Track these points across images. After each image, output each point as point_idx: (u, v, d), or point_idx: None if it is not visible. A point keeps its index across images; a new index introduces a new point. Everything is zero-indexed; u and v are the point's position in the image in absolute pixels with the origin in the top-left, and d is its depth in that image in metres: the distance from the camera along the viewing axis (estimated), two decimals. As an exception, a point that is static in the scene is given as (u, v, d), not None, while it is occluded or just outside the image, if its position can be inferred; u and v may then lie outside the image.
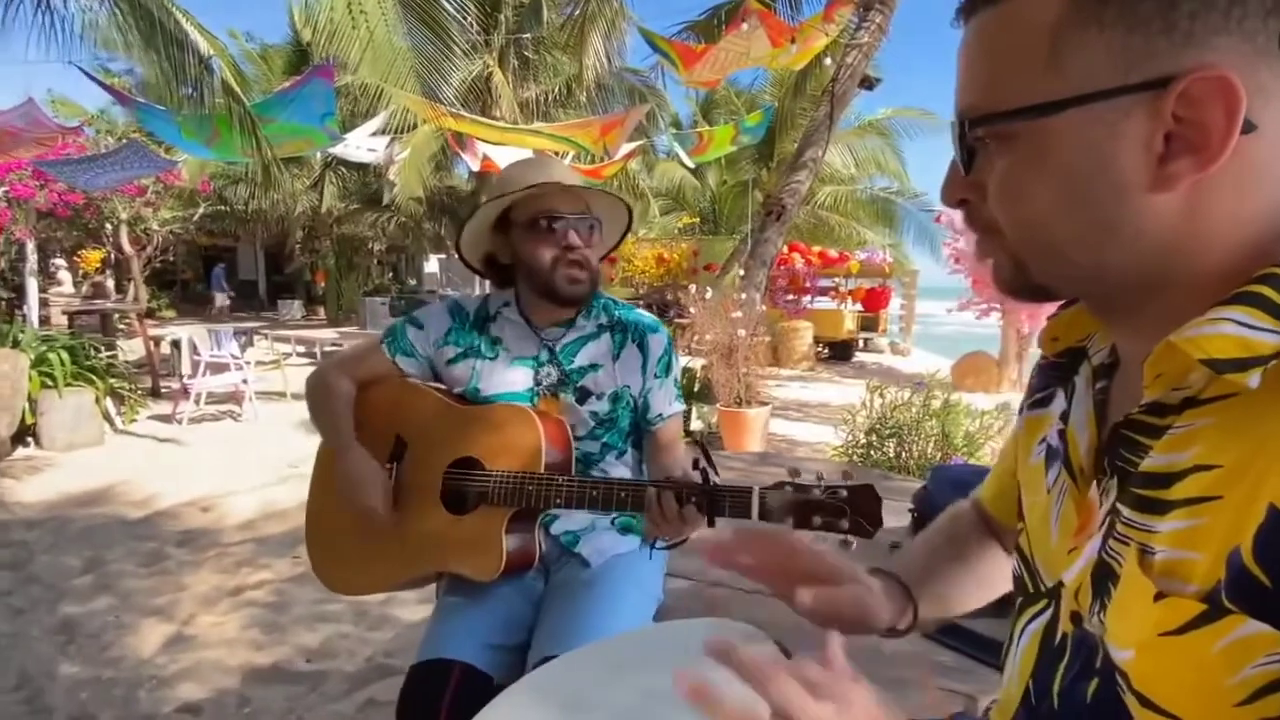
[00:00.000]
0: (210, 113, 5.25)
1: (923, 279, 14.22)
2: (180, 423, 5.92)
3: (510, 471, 1.20)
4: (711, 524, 1.03)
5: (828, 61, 5.76)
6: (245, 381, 6.51)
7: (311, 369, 1.51)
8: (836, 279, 13.02)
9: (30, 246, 9.29)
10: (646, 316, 1.39)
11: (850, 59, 5.17)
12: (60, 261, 13.57)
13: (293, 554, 3.26)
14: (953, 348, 11.08)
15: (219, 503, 4.03)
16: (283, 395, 7.26)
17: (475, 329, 1.37)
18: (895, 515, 2.56)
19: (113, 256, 12.86)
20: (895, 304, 13.49)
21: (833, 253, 12.55)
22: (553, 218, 1.25)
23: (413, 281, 23.70)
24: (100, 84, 5.28)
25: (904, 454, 3.29)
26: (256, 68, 14.79)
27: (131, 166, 6.60)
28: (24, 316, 8.72)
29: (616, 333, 1.36)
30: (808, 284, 12.18)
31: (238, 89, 5.08)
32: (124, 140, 8.31)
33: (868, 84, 5.39)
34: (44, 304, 9.67)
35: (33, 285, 9.41)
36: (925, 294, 14.62)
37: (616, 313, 1.38)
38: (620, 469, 1.37)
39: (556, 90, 13.93)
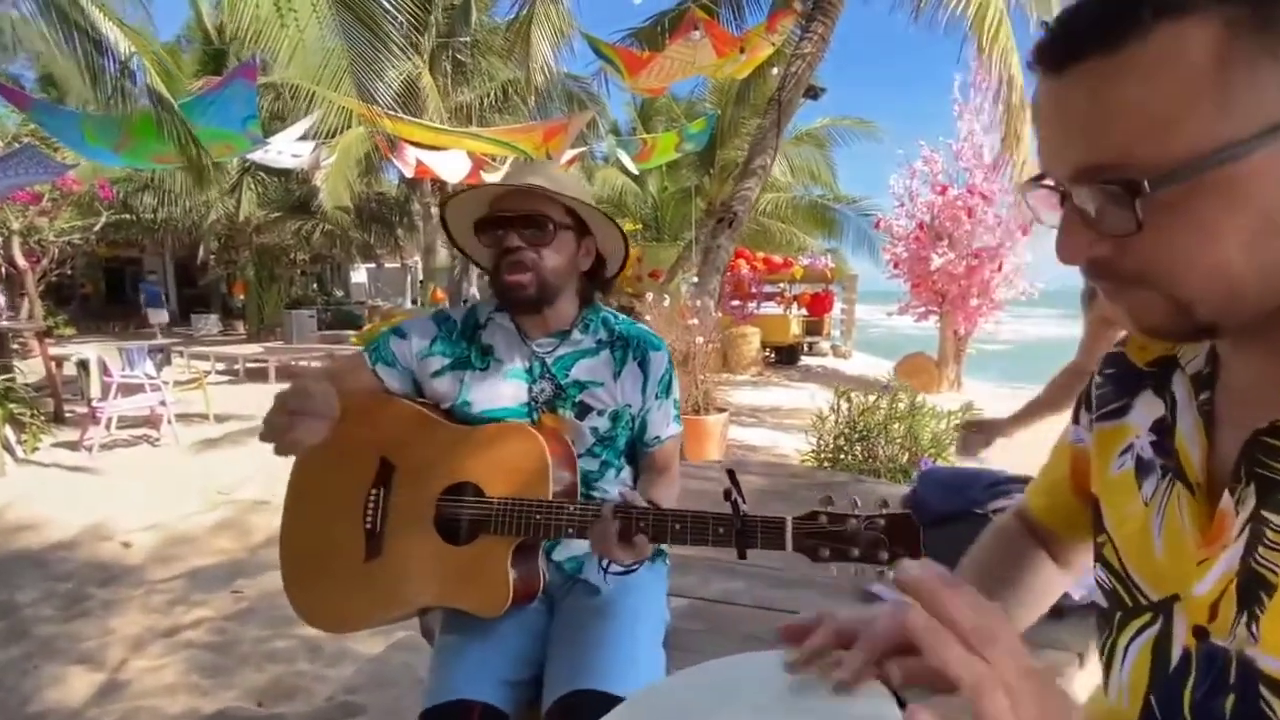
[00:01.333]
0: (118, 115, 4.84)
1: (860, 283, 14.73)
2: (90, 450, 5.41)
3: (515, 499, 1.10)
4: (743, 555, 0.97)
5: (775, 71, 5.87)
6: (163, 403, 6.02)
7: (232, 389, 1.37)
8: (781, 284, 13.32)
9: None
10: (649, 333, 1.32)
11: (795, 68, 5.27)
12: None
13: (231, 588, 3.00)
14: (891, 349, 11.54)
15: (142, 536, 3.68)
16: (205, 417, 6.77)
17: (464, 337, 1.27)
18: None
19: (3, 270, 11.73)
20: (836, 308, 13.92)
21: (777, 259, 12.83)
22: (495, 220, 1.19)
23: (340, 293, 22.78)
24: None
25: (872, 457, 3.33)
26: (165, 66, 13.86)
27: (21, 173, 6.01)
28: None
29: (617, 349, 1.27)
30: (753, 290, 12.41)
31: (165, 91, 4.69)
32: (14, 144, 7.59)
33: (812, 93, 5.51)
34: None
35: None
36: (861, 298, 15.15)
37: (617, 327, 1.30)
38: (620, 487, 1.30)
39: (492, 95, 13.71)
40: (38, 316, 10.66)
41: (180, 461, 5.42)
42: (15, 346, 8.91)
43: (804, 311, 13.33)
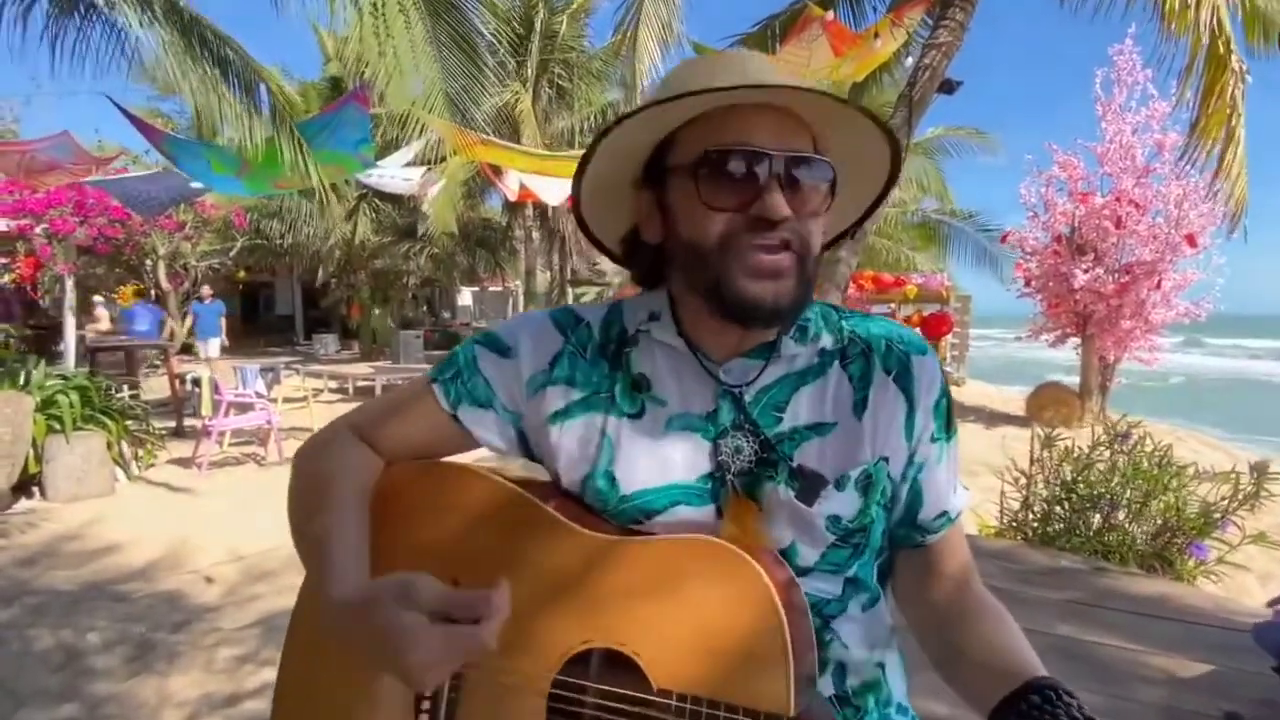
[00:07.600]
0: (237, 145, 5.01)
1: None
2: (200, 467, 5.53)
3: (715, 701, 0.57)
4: None
5: (908, 61, 5.25)
6: (269, 421, 6.13)
7: (341, 406, 0.87)
8: (891, 304, 12.35)
9: (69, 283, 9.26)
10: (899, 328, 0.73)
11: (928, 59, 4.63)
12: (99, 298, 13.72)
13: (302, 642, 2.73)
14: (1010, 377, 10.31)
15: (225, 571, 3.54)
16: (309, 431, 6.91)
17: (603, 356, 0.71)
18: (1186, 650, 1.81)
19: (152, 293, 12.91)
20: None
21: (887, 277, 11.90)
22: (738, 155, 0.60)
23: (446, 314, 23.70)
24: (126, 114, 5.02)
25: (1092, 532, 2.50)
26: (298, 103, 14.98)
27: (168, 185, 6.49)
28: (59, 353, 8.63)
29: (853, 361, 0.69)
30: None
31: (285, 112, 4.82)
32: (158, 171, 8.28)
33: (948, 88, 4.83)
34: (81, 341, 9.60)
35: (70, 322, 9.34)
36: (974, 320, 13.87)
37: (846, 324, 0.72)
38: (861, 631, 0.69)
39: (592, 119, 13.75)
40: (179, 335, 11.59)
41: (279, 483, 5.42)
42: (157, 363, 9.64)
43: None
